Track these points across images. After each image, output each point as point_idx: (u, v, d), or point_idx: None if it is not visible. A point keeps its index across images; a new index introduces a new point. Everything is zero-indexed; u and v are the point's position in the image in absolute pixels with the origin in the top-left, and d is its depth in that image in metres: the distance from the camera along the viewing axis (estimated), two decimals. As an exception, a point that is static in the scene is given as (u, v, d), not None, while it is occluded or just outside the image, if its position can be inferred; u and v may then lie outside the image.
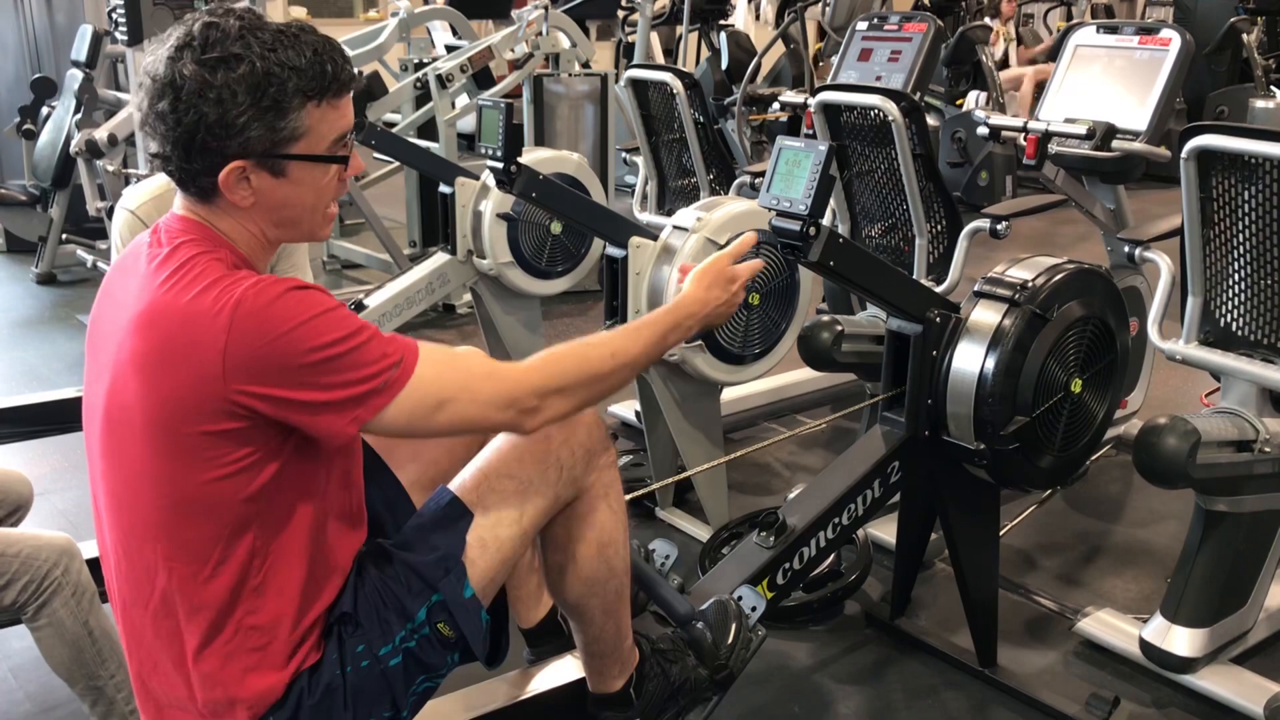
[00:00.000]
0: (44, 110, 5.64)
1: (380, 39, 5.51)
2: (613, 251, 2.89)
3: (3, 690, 2.35)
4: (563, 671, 1.89)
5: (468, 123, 5.04)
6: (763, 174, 2.03)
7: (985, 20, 8.13)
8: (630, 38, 7.92)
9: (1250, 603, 2.36)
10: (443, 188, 3.71)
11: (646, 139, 3.88)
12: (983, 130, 3.03)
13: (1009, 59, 8.55)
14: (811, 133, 3.25)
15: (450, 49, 6.17)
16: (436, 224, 3.87)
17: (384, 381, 1.35)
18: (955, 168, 6.89)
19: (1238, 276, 2.26)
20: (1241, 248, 2.23)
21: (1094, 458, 3.00)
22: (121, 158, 5.14)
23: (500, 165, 2.75)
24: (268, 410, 1.32)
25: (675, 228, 2.83)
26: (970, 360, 2.14)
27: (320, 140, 1.39)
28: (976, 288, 2.21)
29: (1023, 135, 2.85)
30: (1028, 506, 3.06)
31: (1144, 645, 2.33)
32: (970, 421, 2.14)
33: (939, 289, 2.90)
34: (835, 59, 3.70)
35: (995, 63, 7.50)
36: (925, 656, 2.48)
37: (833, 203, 3.20)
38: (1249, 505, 2.27)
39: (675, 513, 3.10)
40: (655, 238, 2.86)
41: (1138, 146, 2.80)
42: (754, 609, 1.95)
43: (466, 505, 1.53)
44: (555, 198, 2.92)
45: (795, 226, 1.93)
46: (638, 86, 3.80)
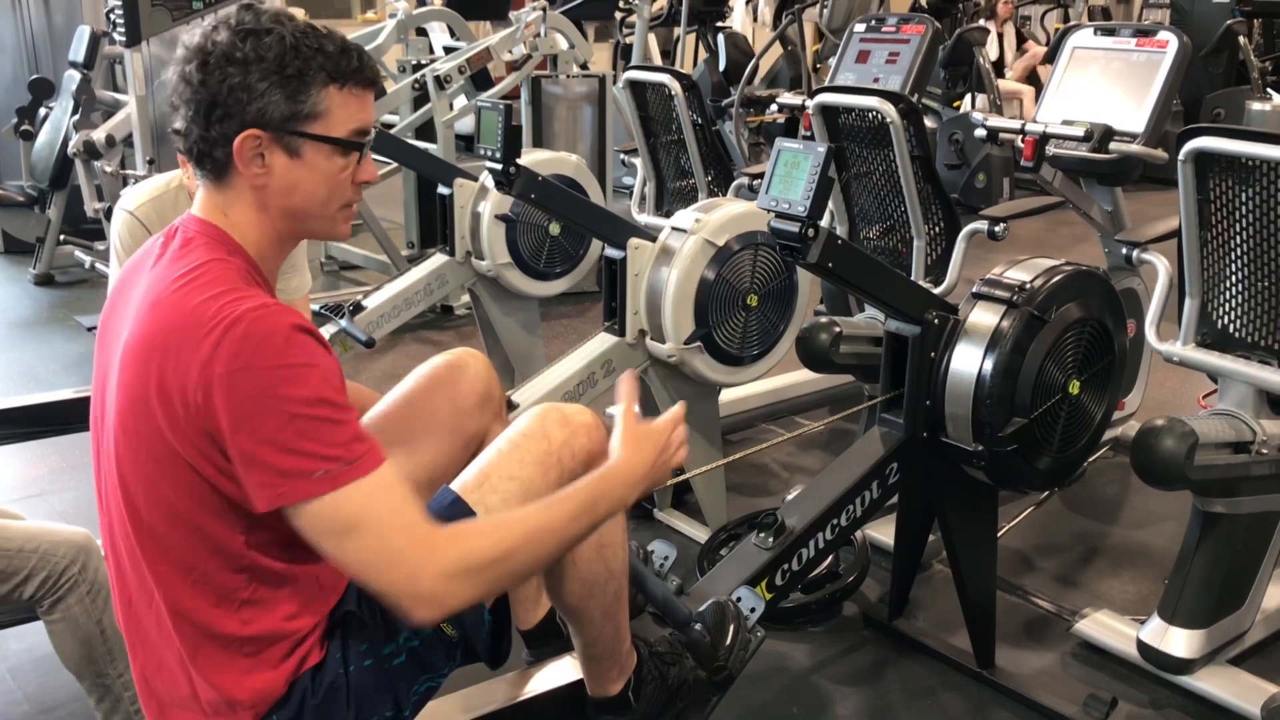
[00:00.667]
0: (42, 111, 5.63)
1: (378, 40, 5.51)
2: (611, 253, 2.89)
3: (1, 691, 2.35)
4: (562, 672, 1.89)
5: (466, 124, 5.03)
6: (761, 175, 2.03)
7: (982, 22, 8.14)
8: (628, 39, 7.92)
9: (1247, 604, 2.36)
10: (441, 189, 3.71)
11: (644, 140, 3.88)
12: (980, 132, 3.04)
13: (1004, 61, 8.56)
14: (810, 134, 3.26)
15: (448, 50, 6.17)
16: (435, 225, 3.87)
17: (327, 471, 1.26)
18: (953, 169, 6.89)
19: (1235, 278, 2.26)
20: (1239, 250, 2.23)
21: (1092, 459, 3.00)
22: (119, 159, 5.14)
23: (499, 166, 2.75)
24: (223, 442, 1.27)
25: (673, 229, 2.84)
26: (968, 362, 2.14)
27: (338, 125, 1.39)
28: (974, 289, 2.21)
29: (1020, 137, 2.86)
30: (1026, 508, 3.07)
31: (1141, 646, 2.33)
32: (968, 423, 2.15)
33: (937, 290, 2.90)
34: (833, 61, 3.71)
35: (991, 65, 7.51)
36: (923, 657, 2.49)
37: (831, 204, 3.21)
38: (1246, 506, 2.28)
39: (674, 514, 3.10)
40: (653, 239, 2.86)
41: (1135, 148, 2.80)
42: (753, 610, 1.95)
43: (469, 505, 1.53)
44: (554, 199, 2.92)
45: (794, 228, 1.94)
46: (636, 88, 3.81)
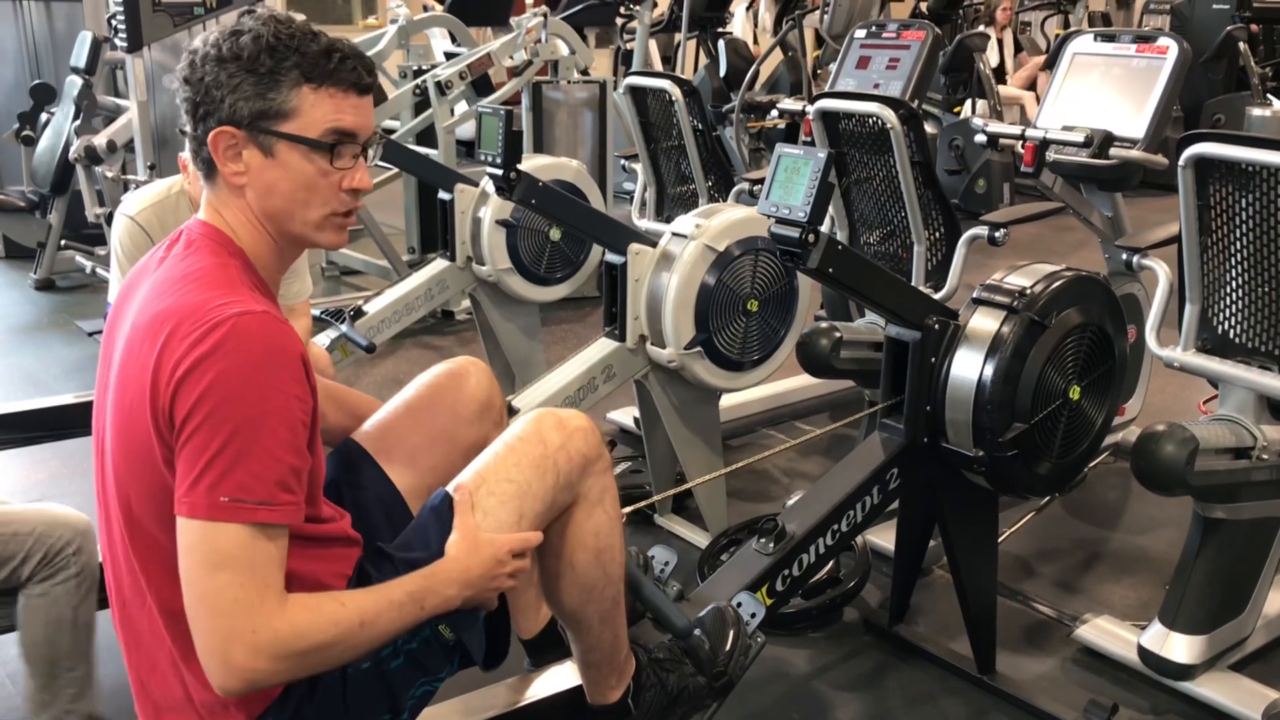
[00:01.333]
0: (43, 116, 5.65)
1: (379, 46, 5.51)
2: (612, 258, 2.89)
3: (1, 696, 2.34)
4: (562, 678, 1.89)
5: (467, 129, 5.04)
6: (761, 181, 2.03)
7: (983, 28, 8.14)
8: (629, 45, 7.93)
9: (1248, 609, 2.36)
10: (442, 194, 3.71)
11: (645, 146, 3.88)
12: (980, 138, 3.04)
13: (1004, 67, 8.56)
14: (810, 140, 3.26)
15: (449, 56, 6.18)
16: (435, 230, 3.87)
17: (234, 500, 1.24)
18: (953, 175, 6.89)
19: (1235, 284, 2.26)
20: (1239, 255, 2.23)
21: (1092, 465, 3.00)
22: (120, 164, 5.15)
23: (499, 172, 2.76)
24: (171, 435, 1.27)
25: (674, 234, 2.84)
26: (969, 367, 2.14)
27: (310, 125, 1.38)
28: (975, 295, 2.21)
29: (1020, 143, 2.86)
30: (1026, 513, 3.06)
31: (1142, 652, 2.33)
32: (969, 428, 2.15)
33: (937, 296, 2.90)
34: (833, 66, 3.71)
35: (992, 71, 7.51)
36: (924, 663, 2.48)
37: (831, 210, 3.21)
38: (1247, 512, 2.28)
39: (674, 519, 3.10)
40: (654, 244, 2.86)
41: (1135, 154, 2.81)
42: (753, 616, 1.95)
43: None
44: (554, 204, 2.93)
45: (794, 233, 1.94)
46: (636, 94, 3.81)
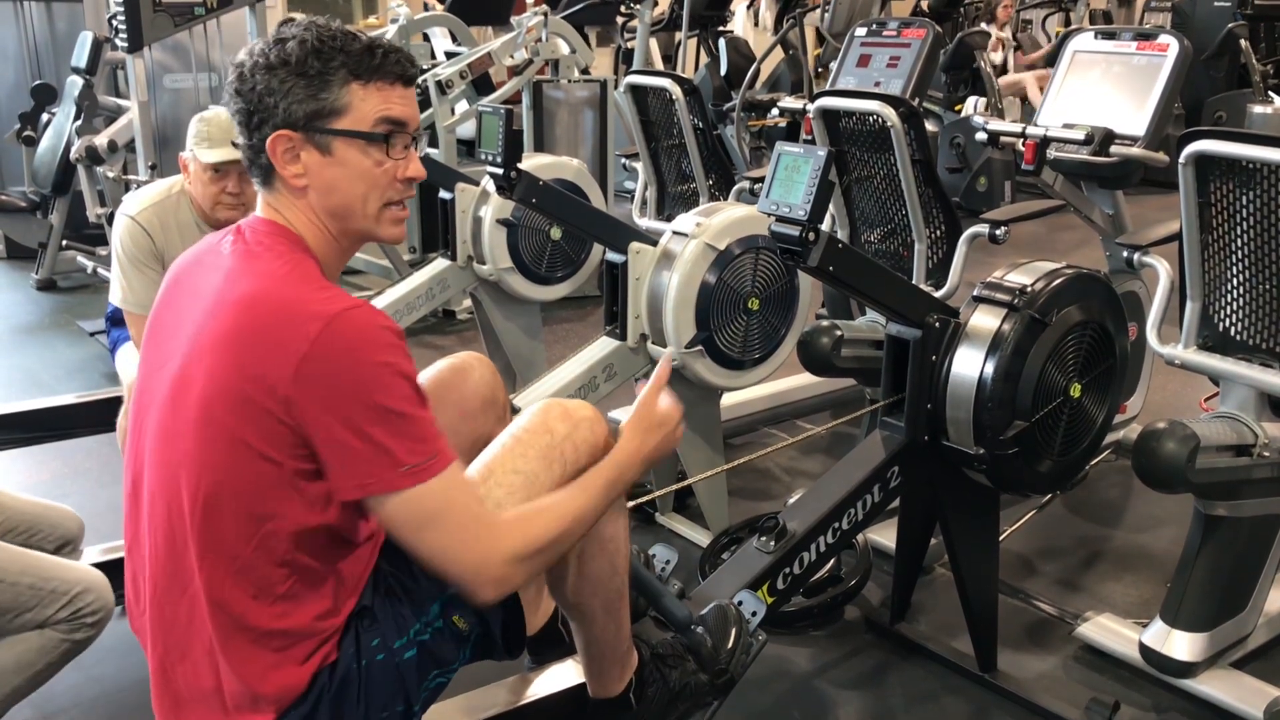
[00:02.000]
0: (44, 116, 5.65)
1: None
2: (612, 257, 2.89)
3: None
4: (564, 676, 1.89)
5: (467, 129, 5.04)
6: (762, 179, 2.03)
7: (983, 26, 8.14)
8: (629, 44, 7.92)
9: (1250, 607, 2.36)
10: (442, 193, 3.71)
11: (646, 145, 3.88)
12: (981, 136, 3.04)
13: (1007, 65, 8.56)
14: (810, 138, 3.26)
15: (450, 55, 6.18)
16: (436, 230, 3.86)
17: (412, 466, 1.34)
18: (954, 173, 6.89)
19: (1236, 281, 2.26)
20: (1240, 252, 2.23)
21: (1093, 462, 3.00)
22: (121, 164, 5.15)
23: (500, 171, 2.76)
24: (311, 433, 1.33)
25: (675, 233, 2.84)
26: (970, 365, 2.14)
27: (363, 119, 1.42)
28: (975, 293, 2.21)
29: (1021, 140, 2.86)
30: (1027, 511, 3.06)
31: (1144, 650, 2.33)
32: (970, 426, 2.15)
33: (938, 294, 2.90)
34: (834, 65, 3.71)
35: (994, 68, 7.51)
36: (925, 661, 2.48)
37: (832, 208, 3.21)
38: (1248, 510, 2.28)
39: (675, 518, 3.10)
40: (655, 243, 2.86)
41: (1136, 152, 2.80)
42: (754, 614, 1.95)
43: None
44: (555, 203, 2.93)
45: (794, 232, 1.94)
46: (637, 92, 3.81)
